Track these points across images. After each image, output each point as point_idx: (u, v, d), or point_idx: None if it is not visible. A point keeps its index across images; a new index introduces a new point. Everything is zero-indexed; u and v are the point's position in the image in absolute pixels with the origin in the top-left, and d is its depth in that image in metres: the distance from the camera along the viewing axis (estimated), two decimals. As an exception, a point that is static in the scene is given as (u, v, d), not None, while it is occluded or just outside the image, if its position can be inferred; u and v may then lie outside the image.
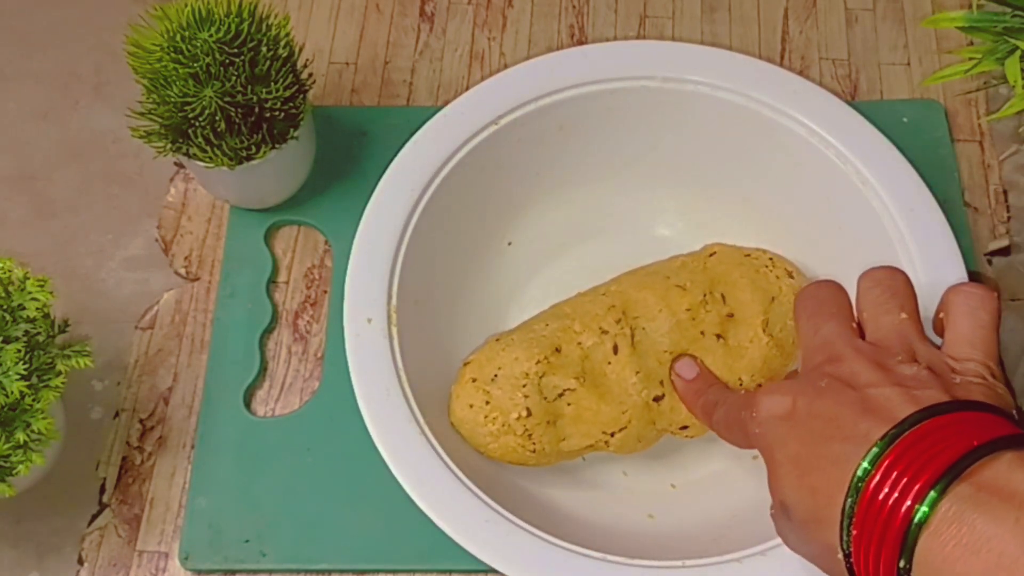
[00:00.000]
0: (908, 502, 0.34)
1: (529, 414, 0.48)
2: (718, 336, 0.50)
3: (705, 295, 0.51)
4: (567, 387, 0.49)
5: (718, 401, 0.48)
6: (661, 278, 0.51)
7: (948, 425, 0.36)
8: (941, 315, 0.44)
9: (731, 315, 0.51)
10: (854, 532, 0.35)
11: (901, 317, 0.43)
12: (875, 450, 0.36)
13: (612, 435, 0.49)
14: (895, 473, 0.34)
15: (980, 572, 0.32)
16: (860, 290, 0.45)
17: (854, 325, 0.44)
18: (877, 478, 0.35)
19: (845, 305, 0.45)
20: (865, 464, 0.35)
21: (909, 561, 0.34)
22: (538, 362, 0.48)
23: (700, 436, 0.51)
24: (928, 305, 0.47)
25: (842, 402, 0.39)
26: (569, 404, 0.49)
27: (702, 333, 0.50)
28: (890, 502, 0.34)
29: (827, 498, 0.37)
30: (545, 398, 0.49)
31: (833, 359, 0.42)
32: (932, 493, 0.33)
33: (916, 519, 0.33)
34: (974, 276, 0.53)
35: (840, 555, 0.36)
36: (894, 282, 0.45)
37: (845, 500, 0.36)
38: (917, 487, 0.34)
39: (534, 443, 0.48)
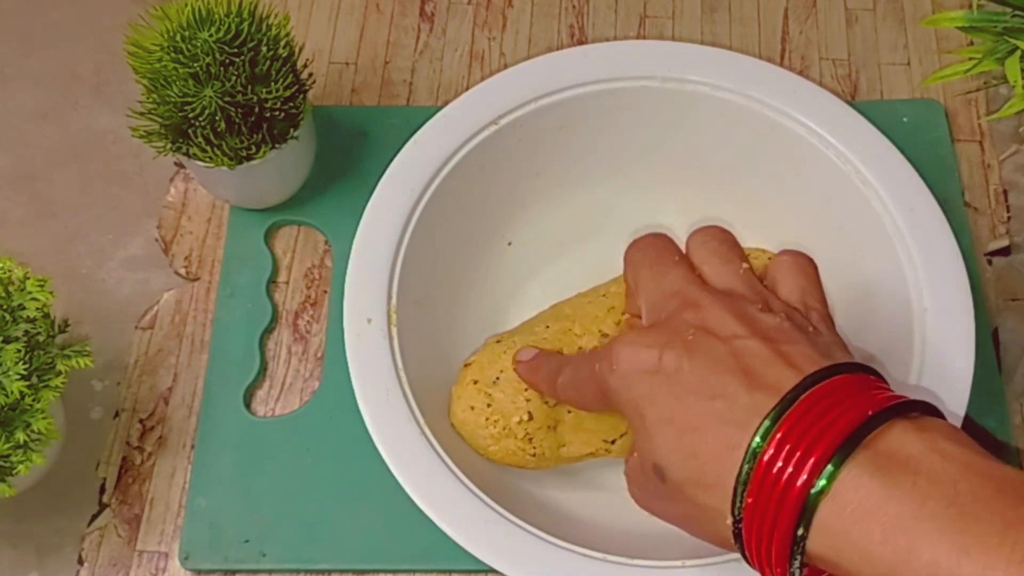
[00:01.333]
0: (804, 476, 0.34)
1: (531, 418, 0.48)
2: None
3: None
4: None
5: (561, 365, 0.46)
6: (661, 278, 0.52)
7: (833, 392, 0.36)
8: (765, 282, 0.44)
9: None
10: (748, 500, 0.35)
11: (744, 267, 0.44)
12: (767, 423, 0.35)
13: (613, 442, 0.49)
14: (788, 446, 0.34)
15: (879, 534, 0.32)
16: (691, 245, 0.46)
17: (697, 274, 0.44)
18: (771, 452, 0.35)
19: (684, 255, 0.45)
20: (757, 439, 0.35)
21: (807, 528, 0.34)
22: None
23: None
24: (930, 307, 0.47)
25: (715, 359, 0.38)
26: (569, 412, 0.49)
27: (702, 333, 0.50)
28: (784, 476, 0.34)
29: (713, 463, 0.36)
30: (547, 402, 0.49)
31: (690, 305, 0.41)
32: (829, 467, 0.33)
33: (814, 492, 0.33)
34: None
35: (728, 520, 0.36)
36: (727, 236, 0.46)
37: (741, 467, 0.35)
38: (812, 461, 0.34)
39: (535, 447, 0.48)
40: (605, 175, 0.57)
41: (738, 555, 0.44)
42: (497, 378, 0.49)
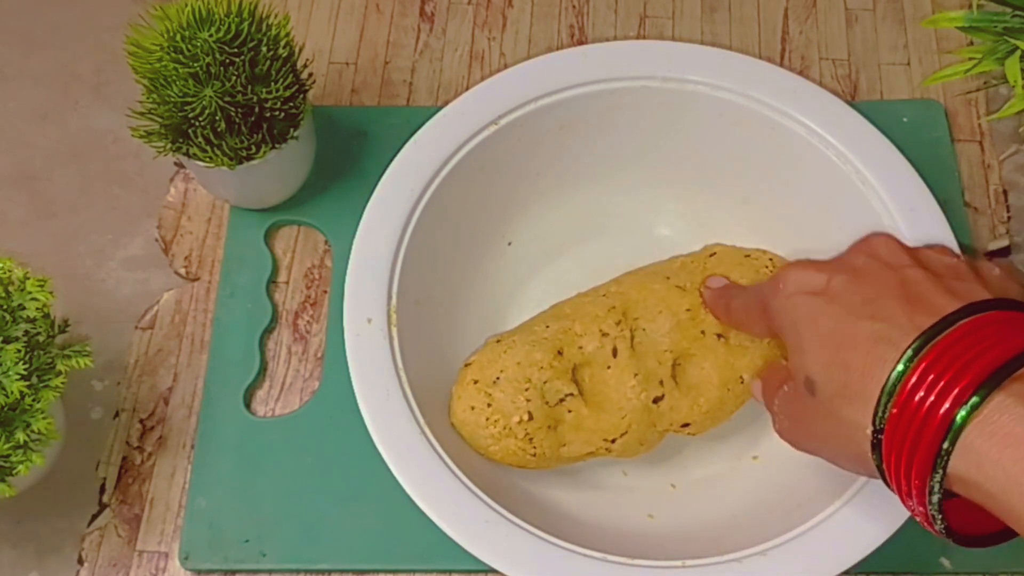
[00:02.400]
0: (956, 392, 0.34)
1: (531, 418, 0.48)
2: (719, 335, 0.50)
3: (705, 295, 0.51)
4: (569, 392, 0.49)
5: (737, 294, 0.48)
6: (661, 278, 0.52)
7: (995, 322, 0.36)
8: None
9: None
10: (893, 411, 0.35)
11: None
12: (921, 340, 0.36)
13: (613, 441, 0.49)
14: (941, 365, 0.35)
15: None
16: None
17: None
18: (923, 366, 0.35)
19: None
20: (909, 353, 0.36)
21: (953, 443, 0.34)
22: (541, 367, 0.48)
23: (702, 433, 0.51)
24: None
25: (882, 284, 0.39)
26: (569, 411, 0.49)
27: (703, 332, 0.50)
28: (935, 392, 0.34)
29: (861, 375, 0.37)
30: (547, 402, 0.48)
31: (864, 242, 0.43)
32: (982, 391, 0.33)
33: (963, 411, 0.34)
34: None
35: (868, 430, 0.36)
36: None
37: (888, 376, 0.36)
38: (966, 381, 0.34)
39: (535, 447, 0.48)
40: (605, 175, 0.57)
41: (737, 555, 0.44)
42: (497, 378, 0.49)
